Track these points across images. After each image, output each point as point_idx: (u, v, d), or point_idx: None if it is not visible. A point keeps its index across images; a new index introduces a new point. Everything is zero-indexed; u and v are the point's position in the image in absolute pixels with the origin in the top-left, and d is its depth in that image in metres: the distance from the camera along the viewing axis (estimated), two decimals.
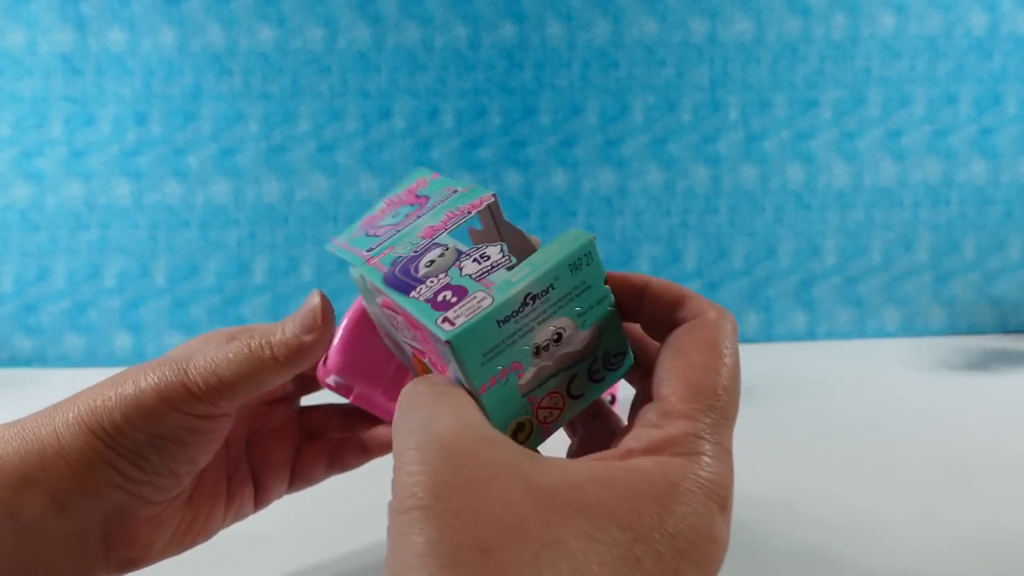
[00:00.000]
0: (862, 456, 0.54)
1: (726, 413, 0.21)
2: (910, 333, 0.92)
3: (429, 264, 0.25)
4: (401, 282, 0.25)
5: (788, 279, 0.92)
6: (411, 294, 0.24)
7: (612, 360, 0.25)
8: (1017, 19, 0.89)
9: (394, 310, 0.26)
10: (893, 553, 0.40)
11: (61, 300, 0.89)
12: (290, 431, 0.35)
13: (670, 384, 0.22)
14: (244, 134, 0.90)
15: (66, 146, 0.89)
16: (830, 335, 0.92)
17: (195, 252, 0.90)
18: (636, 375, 0.26)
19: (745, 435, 0.58)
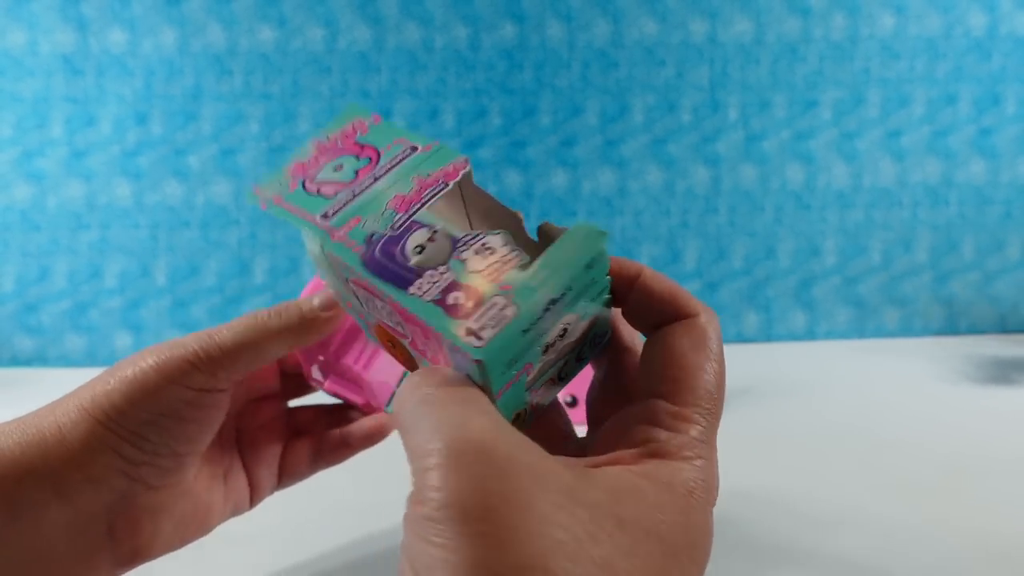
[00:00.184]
0: (861, 455, 0.54)
1: (718, 416, 0.22)
2: (909, 333, 0.92)
3: (418, 250, 0.23)
4: (389, 271, 0.22)
5: (788, 279, 0.92)
6: (410, 290, 0.22)
7: (596, 341, 0.25)
8: (1016, 20, 0.90)
9: (373, 293, 0.24)
10: (893, 553, 0.40)
11: (62, 300, 0.90)
12: (278, 427, 0.36)
13: (668, 385, 0.22)
14: (245, 134, 0.90)
15: (67, 146, 0.89)
16: (829, 335, 0.92)
17: (196, 252, 0.90)
18: (605, 356, 0.26)
19: (745, 435, 0.59)
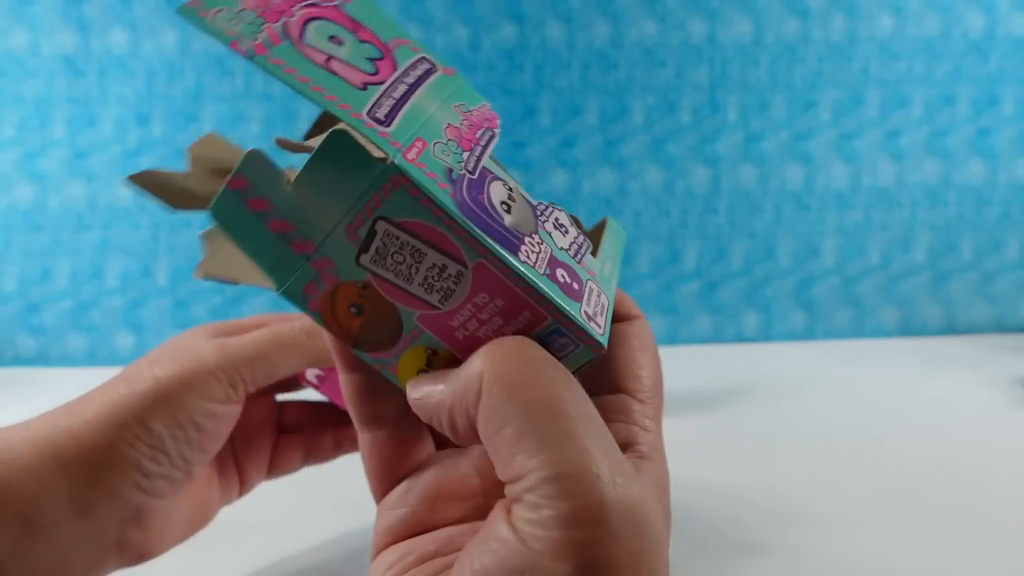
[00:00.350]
0: (861, 455, 0.54)
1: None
2: (908, 333, 0.92)
3: (505, 208, 0.18)
4: (490, 227, 0.17)
5: (787, 279, 0.92)
6: (520, 256, 0.17)
7: None
8: (1014, 21, 0.90)
9: (436, 240, 0.17)
10: (892, 553, 0.41)
11: (63, 300, 0.90)
12: (269, 423, 0.37)
13: (633, 382, 0.22)
14: (246, 135, 0.90)
15: (68, 147, 0.89)
16: (828, 335, 0.92)
17: (197, 252, 0.90)
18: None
19: (744, 434, 0.59)
